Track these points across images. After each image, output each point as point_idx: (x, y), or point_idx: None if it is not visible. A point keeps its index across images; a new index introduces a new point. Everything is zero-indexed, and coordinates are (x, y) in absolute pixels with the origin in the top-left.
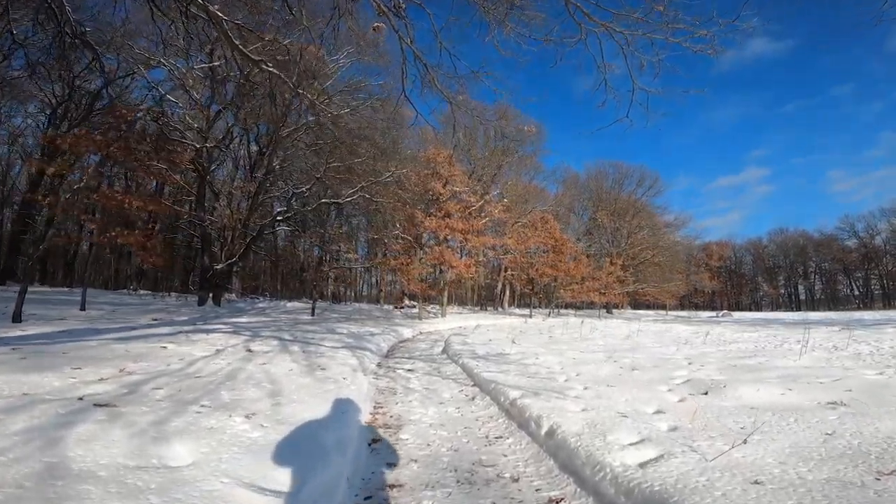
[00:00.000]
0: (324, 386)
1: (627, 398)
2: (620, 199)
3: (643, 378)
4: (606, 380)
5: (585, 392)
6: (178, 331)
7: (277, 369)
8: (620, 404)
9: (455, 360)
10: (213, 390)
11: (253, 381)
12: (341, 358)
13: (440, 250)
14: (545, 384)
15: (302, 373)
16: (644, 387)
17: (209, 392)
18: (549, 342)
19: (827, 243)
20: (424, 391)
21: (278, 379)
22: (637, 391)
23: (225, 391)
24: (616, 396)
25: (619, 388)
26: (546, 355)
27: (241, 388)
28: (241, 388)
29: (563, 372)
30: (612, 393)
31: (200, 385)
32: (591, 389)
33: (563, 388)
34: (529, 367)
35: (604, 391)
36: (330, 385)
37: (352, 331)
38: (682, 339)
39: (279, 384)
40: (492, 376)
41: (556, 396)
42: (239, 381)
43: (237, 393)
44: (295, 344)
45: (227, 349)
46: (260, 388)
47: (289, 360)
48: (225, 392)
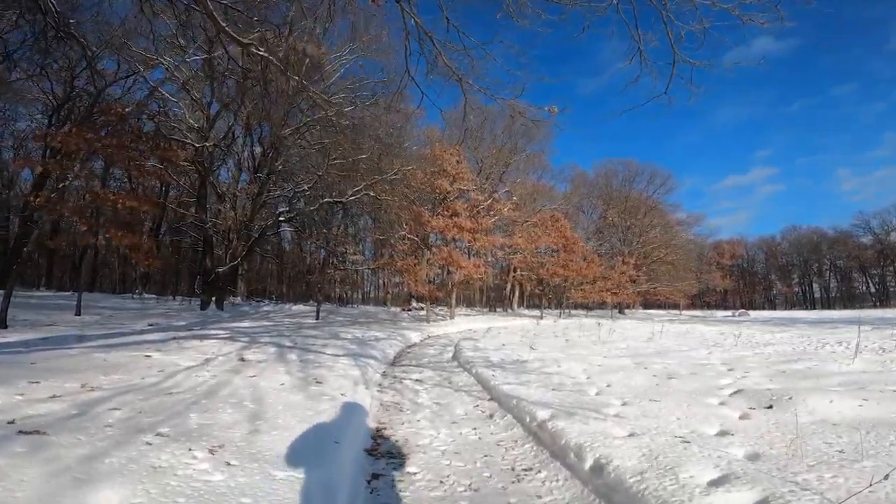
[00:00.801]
0: (317, 405)
1: (679, 416)
2: (631, 197)
3: (685, 388)
4: (644, 392)
5: (626, 409)
6: (172, 337)
7: (267, 383)
8: (673, 424)
9: (467, 368)
10: (182, 412)
11: (235, 398)
12: (342, 368)
13: (448, 250)
14: (576, 399)
15: (294, 387)
16: (691, 400)
17: (175, 414)
18: (567, 346)
19: (842, 240)
20: (435, 407)
21: (265, 396)
22: (686, 406)
23: (195, 413)
24: (664, 414)
25: (664, 403)
26: (568, 362)
27: (217, 409)
28: (217, 409)
29: (590, 382)
30: (657, 409)
31: (169, 405)
32: (632, 405)
33: (597, 404)
34: (552, 376)
35: (648, 407)
36: (325, 403)
37: (356, 336)
38: (710, 341)
39: (264, 403)
40: (511, 389)
41: (593, 416)
42: (218, 400)
43: (210, 416)
44: (293, 351)
45: (218, 358)
46: (240, 408)
47: (283, 371)
48: (195, 415)
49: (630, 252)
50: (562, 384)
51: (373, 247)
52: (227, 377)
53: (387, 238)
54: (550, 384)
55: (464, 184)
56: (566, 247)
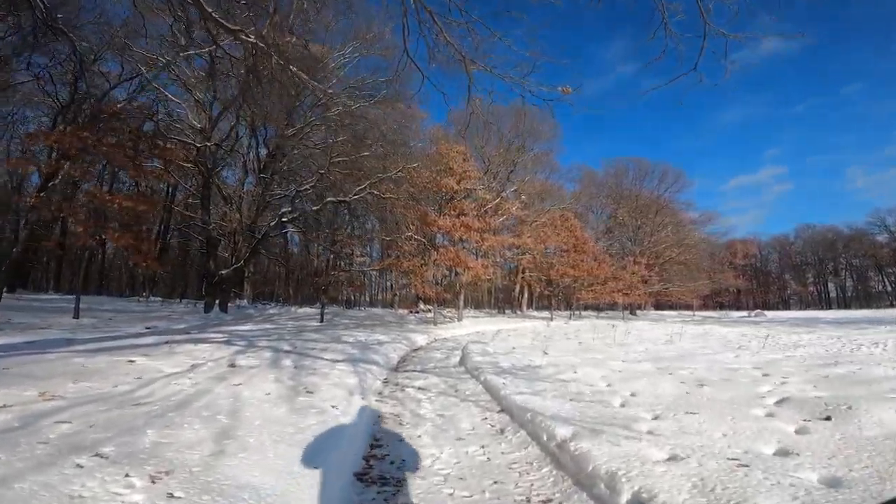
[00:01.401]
0: (302, 419)
1: (724, 431)
2: (642, 196)
3: (721, 397)
4: (675, 402)
5: (660, 424)
6: (166, 341)
7: (252, 392)
8: (720, 442)
9: (475, 375)
10: (139, 427)
11: (209, 410)
12: (338, 375)
13: (455, 251)
14: (599, 412)
15: (281, 398)
16: (733, 411)
17: (130, 430)
18: (581, 349)
19: (857, 238)
20: (438, 419)
21: (244, 408)
22: (731, 419)
23: (155, 429)
24: (707, 429)
25: (703, 416)
26: (584, 367)
27: (183, 424)
28: (183, 424)
29: (612, 390)
30: (697, 424)
31: (128, 418)
32: (666, 419)
33: (624, 418)
34: (569, 384)
35: (686, 421)
36: (311, 417)
37: (359, 339)
38: (734, 343)
39: (240, 417)
40: (524, 400)
41: (623, 434)
42: (189, 412)
43: (170, 432)
44: (290, 356)
45: (207, 364)
46: (210, 422)
47: (272, 378)
48: (153, 430)
49: (641, 252)
50: (580, 393)
51: (380, 249)
52: (208, 385)
53: (393, 239)
54: (567, 393)
55: (470, 182)
56: (576, 247)
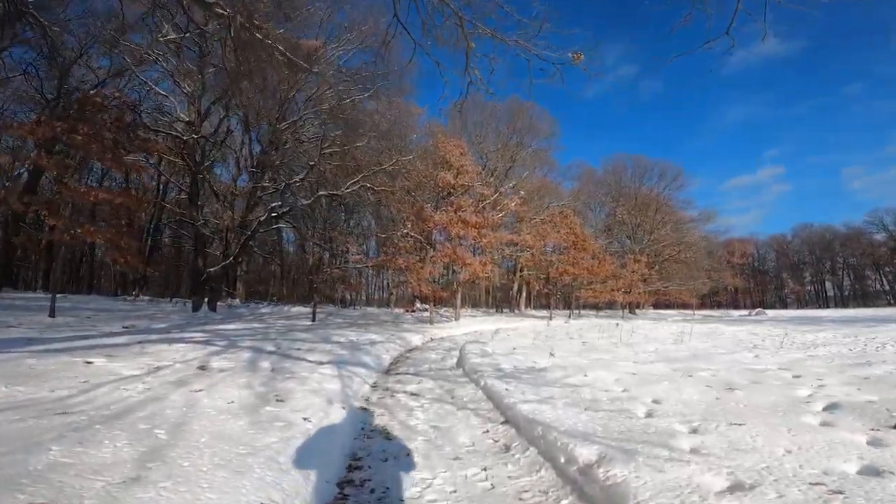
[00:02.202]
0: (262, 435)
1: (785, 446)
2: (641, 194)
3: (760, 404)
4: (709, 410)
5: (702, 438)
6: (139, 341)
7: (212, 400)
8: (787, 461)
9: (474, 378)
10: (44, 443)
11: (148, 423)
12: (318, 380)
13: (452, 247)
14: (624, 425)
15: (244, 408)
16: (781, 420)
17: (29, 446)
18: (586, 349)
19: (855, 237)
20: (432, 432)
21: (194, 420)
22: (787, 431)
23: (64, 445)
24: (762, 444)
25: (751, 427)
26: (595, 370)
27: (105, 440)
28: (105, 440)
29: (631, 396)
30: (748, 438)
31: (39, 430)
32: (708, 432)
33: (657, 431)
34: (580, 389)
35: (733, 435)
36: (274, 433)
37: (350, 339)
38: (747, 343)
39: (185, 432)
40: (532, 410)
41: (664, 455)
42: (122, 424)
43: (83, 450)
44: (270, 358)
45: (175, 365)
46: (143, 438)
47: (242, 383)
48: (60, 448)
49: (641, 250)
50: (595, 400)
51: (376, 247)
52: (163, 391)
53: (389, 237)
54: (581, 400)
55: (468, 177)
56: (576, 244)
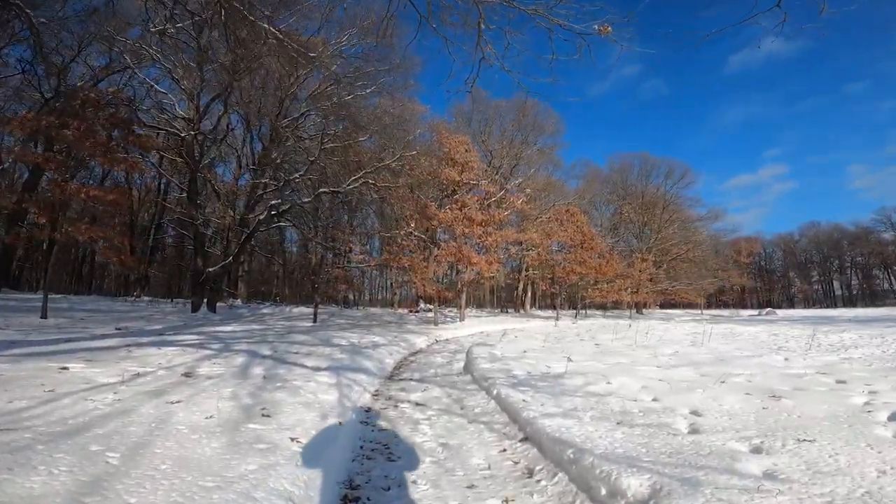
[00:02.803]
0: (238, 463)
1: (876, 465)
2: (647, 192)
3: (813, 413)
4: (761, 422)
5: (772, 460)
6: (127, 344)
7: (189, 414)
8: (889, 485)
9: (485, 386)
10: None
11: (104, 443)
12: (313, 389)
13: (457, 246)
14: (668, 444)
15: (223, 424)
16: (850, 432)
17: None
18: (601, 353)
19: (863, 236)
20: (441, 452)
21: (160, 439)
22: (866, 447)
23: None
24: (848, 466)
25: (824, 444)
26: (617, 375)
27: (40, 465)
28: (40, 465)
29: (665, 407)
30: (827, 457)
31: None
32: (774, 451)
33: (712, 452)
34: (606, 399)
35: (806, 454)
36: (252, 459)
37: (352, 341)
38: (771, 344)
39: (144, 455)
40: (558, 427)
41: (737, 485)
42: (71, 444)
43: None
44: (265, 363)
45: (158, 371)
46: (91, 463)
47: (227, 394)
48: None
49: (648, 249)
50: (626, 412)
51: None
52: (135, 403)
53: (392, 236)
54: (610, 413)
55: (473, 174)
56: (583, 243)
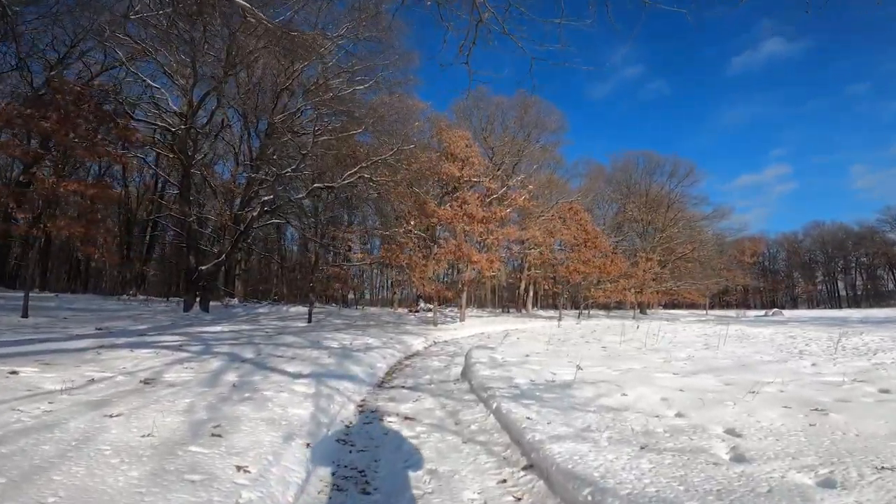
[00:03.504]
0: (154, 500)
1: None
2: (652, 191)
3: (873, 431)
4: (817, 445)
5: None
6: (100, 345)
7: (124, 432)
8: None
9: (484, 398)
10: None
11: None
12: (284, 401)
13: (457, 243)
14: (711, 476)
15: (159, 446)
16: None
17: None
18: (610, 357)
19: (868, 236)
20: (428, 481)
21: (65, 464)
22: None
23: None
24: None
25: None
26: (632, 385)
27: None
28: None
29: (694, 425)
30: None
31: None
32: (850, 484)
33: (773, 487)
34: (623, 414)
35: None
36: (172, 497)
37: (344, 343)
38: (790, 348)
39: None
40: (569, 453)
41: None
42: None
43: None
44: (242, 368)
45: (117, 378)
46: None
47: (183, 405)
48: None
49: (652, 248)
50: (649, 433)
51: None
52: (67, 415)
53: (392, 234)
54: (630, 434)
55: (474, 169)
56: (586, 242)
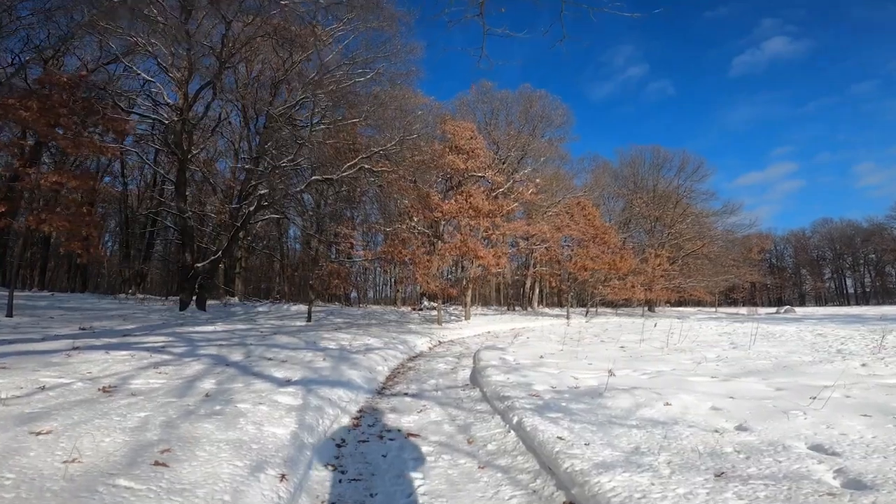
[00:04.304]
0: None
1: None
2: (659, 186)
3: None
4: None
5: None
6: (75, 346)
7: (42, 456)
8: None
9: (500, 408)
10: None
11: None
12: (262, 416)
13: (462, 238)
14: None
15: (77, 478)
16: None
17: None
18: (632, 358)
19: (877, 233)
20: None
21: None
22: None
23: None
24: None
25: None
26: (672, 392)
27: None
28: None
29: (769, 441)
30: None
31: None
32: None
33: None
34: (674, 429)
35: None
36: None
37: (342, 344)
38: (829, 347)
39: None
40: (628, 494)
41: None
42: None
43: None
44: (224, 373)
45: (75, 385)
46: None
47: (136, 420)
48: None
49: (661, 244)
50: (718, 453)
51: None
52: None
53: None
54: (694, 456)
55: (479, 161)
56: (595, 237)
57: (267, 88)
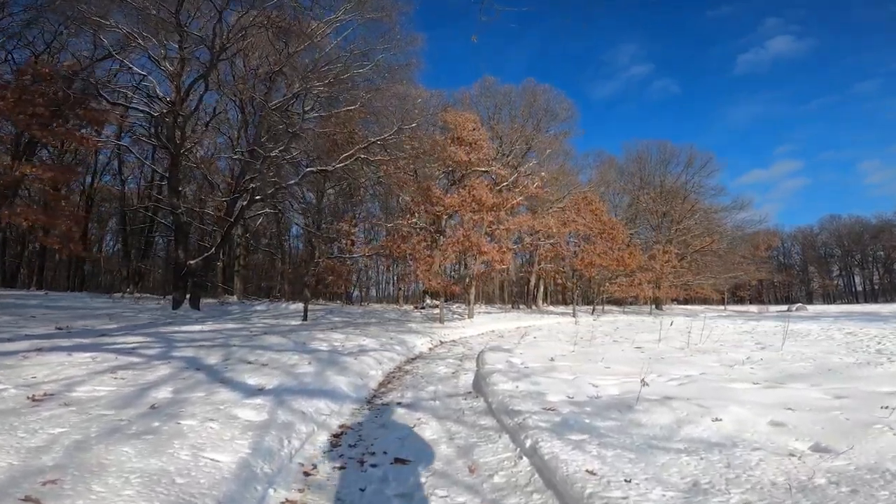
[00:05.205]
0: None
1: None
2: (667, 181)
3: None
4: None
5: None
6: (38, 347)
7: None
8: None
9: (509, 426)
10: None
11: None
12: (208, 436)
13: (465, 231)
14: None
15: None
16: None
17: None
18: (652, 360)
19: (887, 229)
20: None
21: None
22: None
23: None
24: None
25: None
26: (722, 404)
27: None
28: None
29: (867, 467)
30: None
31: None
32: None
33: None
34: (736, 454)
35: None
36: None
37: (334, 345)
38: (866, 348)
39: None
40: None
41: None
42: None
43: None
44: (187, 379)
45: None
46: None
47: (40, 440)
48: None
49: (669, 240)
50: (810, 488)
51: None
52: None
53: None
54: (778, 494)
55: (482, 153)
56: (603, 233)
57: (264, 82)
